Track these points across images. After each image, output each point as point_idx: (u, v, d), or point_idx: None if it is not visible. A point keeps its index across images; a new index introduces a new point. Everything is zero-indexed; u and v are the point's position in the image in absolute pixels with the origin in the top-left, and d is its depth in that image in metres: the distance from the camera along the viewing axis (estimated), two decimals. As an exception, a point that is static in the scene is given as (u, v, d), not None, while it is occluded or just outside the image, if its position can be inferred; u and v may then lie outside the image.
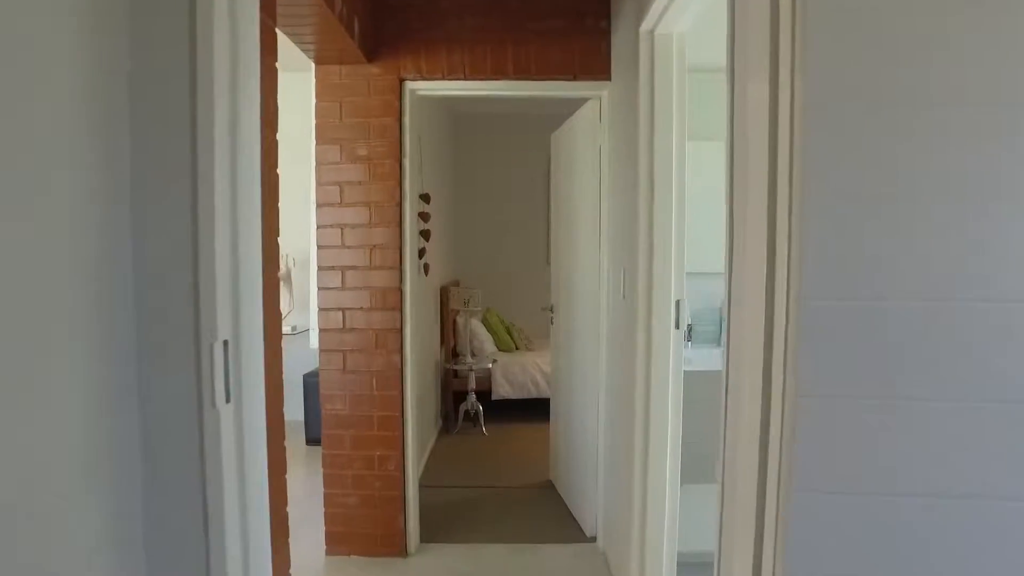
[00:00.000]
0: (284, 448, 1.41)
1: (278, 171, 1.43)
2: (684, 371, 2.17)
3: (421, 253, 3.90)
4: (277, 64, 1.41)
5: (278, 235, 1.42)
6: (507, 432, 4.86)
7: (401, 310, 2.75)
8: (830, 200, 0.89)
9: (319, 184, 2.72)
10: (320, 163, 2.72)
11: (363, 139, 2.70)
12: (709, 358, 2.84)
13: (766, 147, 0.95)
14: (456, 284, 5.77)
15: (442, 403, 5.12)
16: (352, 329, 2.75)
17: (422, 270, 3.93)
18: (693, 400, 2.20)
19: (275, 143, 1.39)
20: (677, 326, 2.12)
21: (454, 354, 5.34)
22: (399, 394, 2.77)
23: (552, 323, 3.74)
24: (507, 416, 5.18)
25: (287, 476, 1.43)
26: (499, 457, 4.29)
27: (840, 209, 0.89)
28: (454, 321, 5.30)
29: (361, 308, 2.74)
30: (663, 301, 2.11)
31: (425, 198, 3.97)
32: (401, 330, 2.76)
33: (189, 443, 0.94)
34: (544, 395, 5.02)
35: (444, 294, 5.01)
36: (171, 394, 0.95)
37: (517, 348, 5.57)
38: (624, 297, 2.43)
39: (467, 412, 4.89)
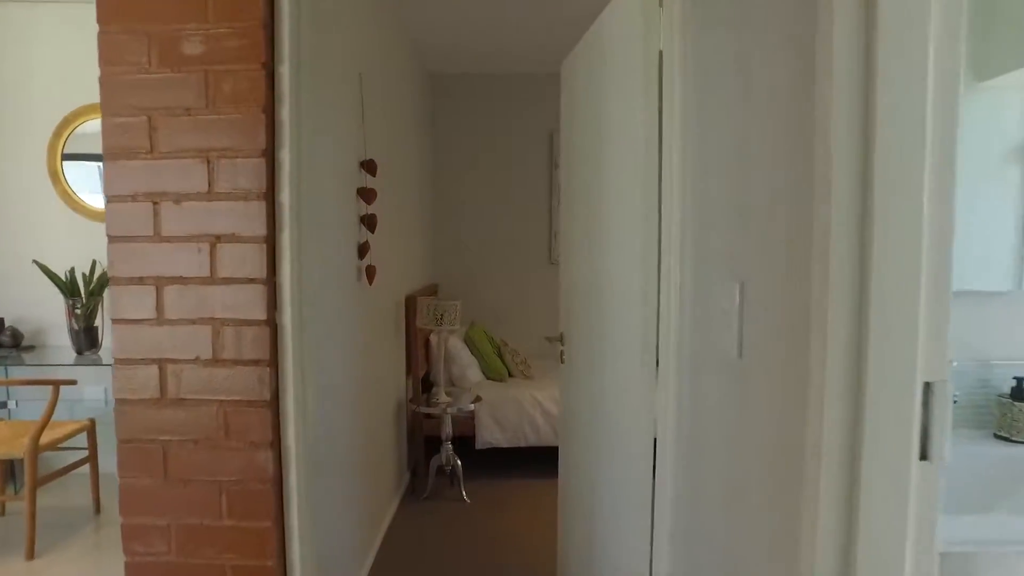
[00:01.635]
0: None
1: None
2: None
3: (362, 251, 2.56)
4: None
5: None
6: (496, 496, 3.52)
7: (275, 362, 1.41)
8: None
9: (107, 113, 1.37)
10: (109, 71, 1.37)
11: (194, 23, 1.35)
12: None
13: None
14: (432, 292, 4.43)
15: (409, 455, 3.78)
16: (180, 400, 1.41)
17: (363, 275, 2.59)
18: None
19: None
20: (924, 455, 0.78)
21: (426, 385, 4.01)
22: (274, 525, 1.43)
23: (562, 361, 2.40)
24: (496, 470, 3.85)
25: None
26: (482, 545, 2.95)
27: None
28: (427, 341, 3.96)
29: (196, 359, 1.40)
30: (892, 386, 0.77)
31: (369, 168, 2.63)
32: (276, 401, 1.42)
33: None
34: (547, 443, 3.69)
35: (410, 307, 3.67)
36: None
37: (511, 375, 4.23)
38: (741, 355, 1.09)
39: (441, 468, 3.56)
